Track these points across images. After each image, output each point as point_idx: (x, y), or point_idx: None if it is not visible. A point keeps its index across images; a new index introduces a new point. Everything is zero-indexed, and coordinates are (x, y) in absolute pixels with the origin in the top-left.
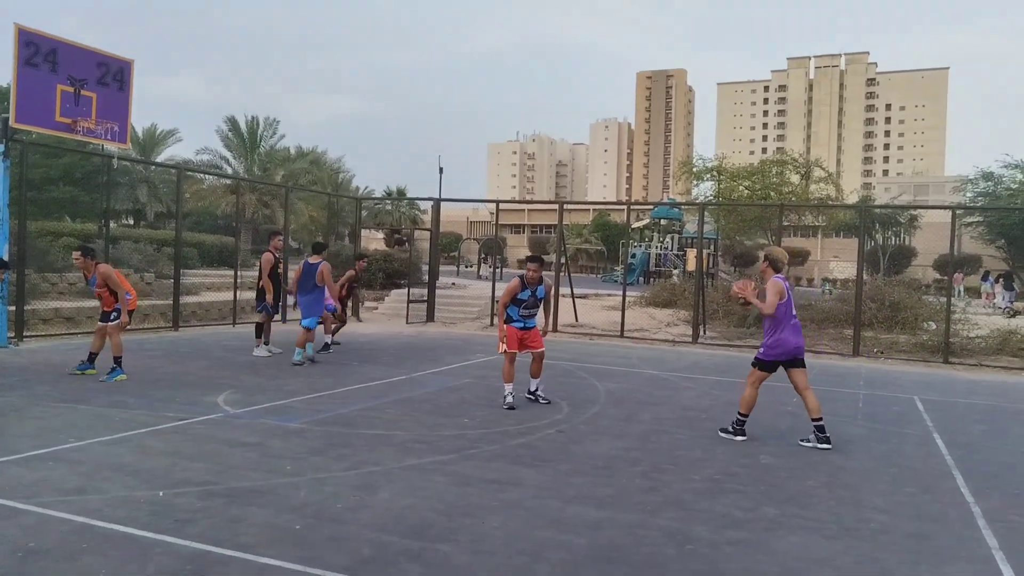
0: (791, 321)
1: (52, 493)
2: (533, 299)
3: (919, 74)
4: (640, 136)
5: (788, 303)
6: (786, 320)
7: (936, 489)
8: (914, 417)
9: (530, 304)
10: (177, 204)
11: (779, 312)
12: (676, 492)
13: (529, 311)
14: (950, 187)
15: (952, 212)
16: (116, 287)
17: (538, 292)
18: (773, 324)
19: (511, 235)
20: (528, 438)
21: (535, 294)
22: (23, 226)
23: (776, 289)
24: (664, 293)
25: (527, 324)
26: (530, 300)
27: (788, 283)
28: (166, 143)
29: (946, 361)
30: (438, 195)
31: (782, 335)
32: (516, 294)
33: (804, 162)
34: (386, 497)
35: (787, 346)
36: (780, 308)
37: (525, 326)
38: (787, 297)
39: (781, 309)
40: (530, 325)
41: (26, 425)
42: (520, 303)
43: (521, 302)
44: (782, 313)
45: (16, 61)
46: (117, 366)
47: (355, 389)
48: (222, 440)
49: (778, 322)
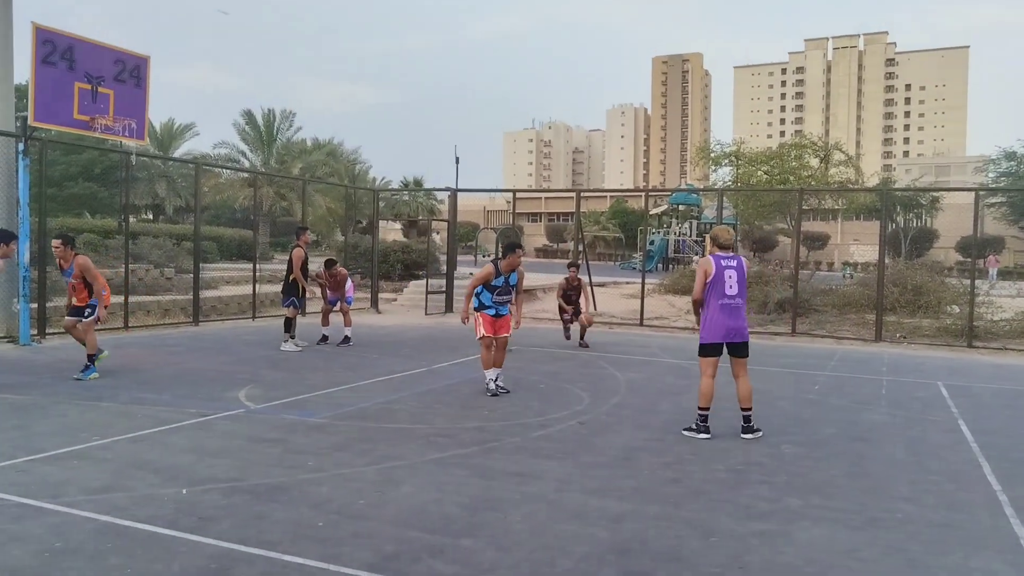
0: (720, 300)
1: (78, 492)
2: (506, 286)
3: (939, 53)
4: (657, 121)
5: (719, 281)
6: (714, 299)
7: (962, 477)
8: (938, 403)
9: (503, 291)
10: (196, 198)
11: (707, 292)
12: (699, 483)
13: (502, 298)
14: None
15: (975, 193)
16: (93, 280)
17: (511, 279)
18: (706, 305)
19: (528, 224)
20: (549, 430)
21: (508, 281)
22: (43, 223)
23: (701, 269)
24: (683, 280)
25: (499, 311)
26: (503, 287)
27: (735, 261)
28: (184, 137)
29: (970, 345)
30: (455, 185)
31: (713, 316)
32: (490, 280)
33: (823, 145)
34: (409, 492)
35: (718, 328)
36: (710, 288)
37: (497, 313)
38: (715, 274)
39: (711, 289)
40: (503, 312)
41: (50, 423)
42: (494, 289)
43: (495, 288)
44: (709, 293)
45: (34, 59)
46: (91, 364)
47: (376, 382)
48: (244, 436)
49: (708, 303)
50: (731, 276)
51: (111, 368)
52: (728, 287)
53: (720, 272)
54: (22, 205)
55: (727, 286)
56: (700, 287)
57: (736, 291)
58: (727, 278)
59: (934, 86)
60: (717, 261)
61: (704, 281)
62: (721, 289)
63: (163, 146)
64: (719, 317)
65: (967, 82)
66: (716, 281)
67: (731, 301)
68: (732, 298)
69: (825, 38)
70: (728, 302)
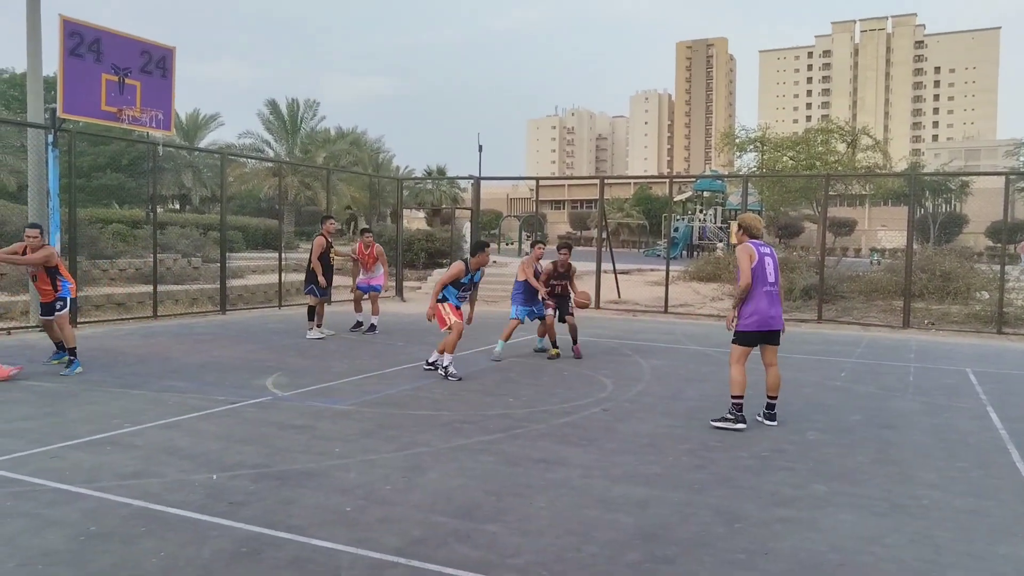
0: (763, 288)
1: (111, 477)
2: (471, 283)
3: (969, 35)
4: (681, 107)
5: (761, 268)
6: (757, 287)
7: (990, 464)
8: (967, 390)
9: (468, 287)
10: (222, 188)
11: (754, 280)
12: (724, 469)
13: (465, 293)
14: (1003, 151)
15: (1006, 178)
16: (56, 273)
17: (476, 277)
18: (749, 292)
19: (551, 211)
20: (573, 417)
21: (473, 279)
22: (73, 214)
23: (745, 254)
24: (708, 267)
25: (458, 306)
26: (468, 284)
27: (768, 249)
28: (209, 128)
29: (999, 331)
30: (478, 173)
31: (757, 304)
32: (459, 278)
33: (850, 130)
34: (435, 478)
35: (763, 314)
36: (754, 274)
37: (458, 308)
38: (759, 260)
39: (755, 276)
40: (458, 305)
41: (83, 410)
42: (460, 286)
43: (461, 285)
44: (757, 281)
45: (62, 52)
46: (74, 358)
47: (401, 370)
48: (272, 423)
49: (754, 291)
50: (769, 263)
51: (142, 356)
52: (768, 274)
53: (761, 259)
54: (52, 196)
55: (768, 273)
56: (748, 273)
57: (774, 278)
58: (767, 265)
59: (964, 69)
60: (757, 248)
61: (749, 267)
62: (764, 276)
63: (188, 136)
64: (762, 304)
65: (998, 64)
66: (757, 268)
67: (772, 288)
68: (772, 285)
69: (852, 21)
70: (770, 288)
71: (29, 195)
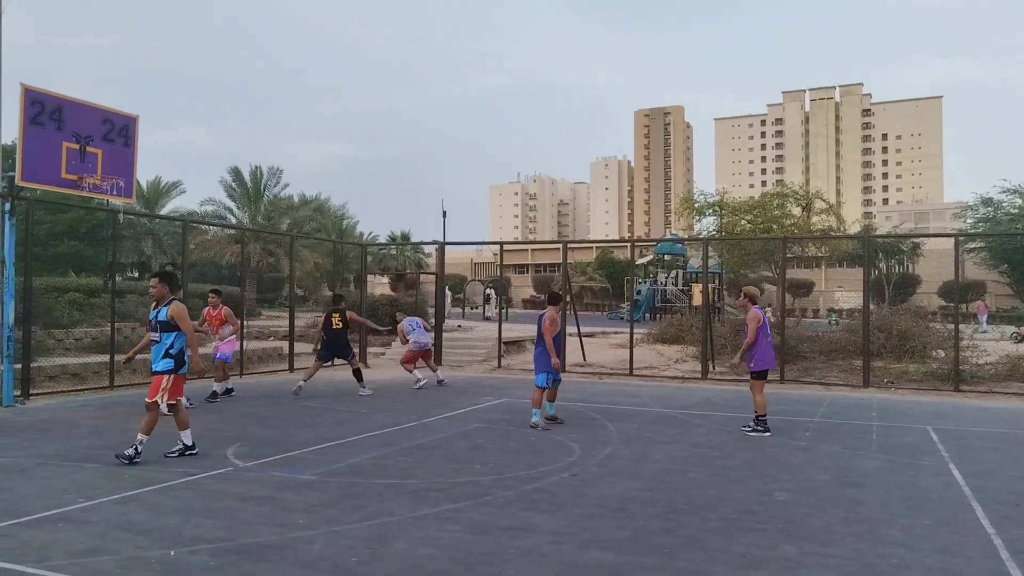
0: (767, 339)
1: (63, 556)
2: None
3: (913, 103)
4: (640, 173)
5: (764, 327)
6: (763, 338)
7: (956, 521)
8: (928, 447)
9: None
10: (183, 256)
11: (759, 335)
12: (693, 532)
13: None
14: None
15: (955, 239)
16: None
17: (160, 314)
18: (757, 343)
19: (515, 275)
20: (541, 482)
21: (157, 315)
22: (29, 282)
23: (755, 319)
24: (672, 329)
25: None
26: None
27: (763, 312)
28: (170, 195)
29: (957, 389)
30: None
31: (765, 351)
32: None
33: (804, 194)
34: (401, 548)
35: (769, 358)
36: (759, 332)
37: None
38: (763, 322)
39: (760, 332)
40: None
41: (34, 485)
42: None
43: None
44: (761, 335)
45: (22, 120)
46: None
47: (366, 437)
48: (233, 495)
49: (759, 342)
50: (768, 321)
51: (97, 427)
52: (768, 329)
53: (764, 319)
54: (8, 264)
55: (768, 329)
56: (754, 333)
57: (770, 331)
58: (767, 324)
59: (910, 135)
60: (760, 312)
61: (756, 328)
62: (766, 331)
63: (150, 204)
64: (769, 350)
65: (942, 130)
66: (763, 326)
67: (771, 338)
68: (770, 335)
69: (802, 90)
70: (770, 339)
71: None
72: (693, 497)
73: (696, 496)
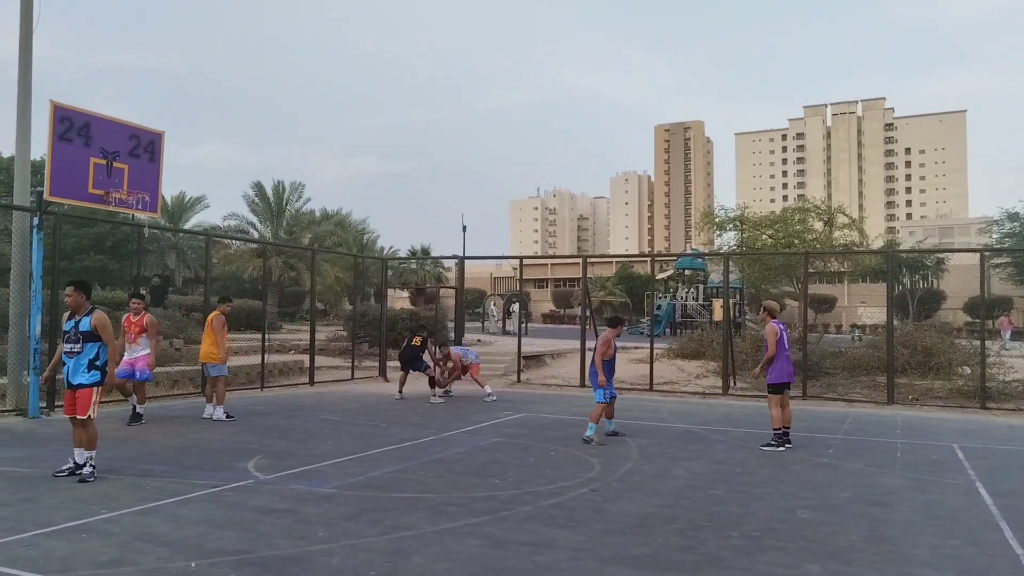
0: (785, 352)
1: (86, 566)
2: (74, 331)
3: (936, 117)
4: (660, 188)
5: (782, 341)
6: (780, 352)
7: (983, 541)
8: (954, 465)
9: (71, 338)
10: (206, 270)
11: (777, 348)
12: (714, 550)
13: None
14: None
15: (980, 255)
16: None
17: (81, 324)
18: (775, 357)
19: (535, 289)
20: (561, 498)
21: (77, 325)
22: (55, 296)
23: (772, 333)
24: (692, 344)
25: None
26: (72, 333)
27: (782, 325)
28: (194, 210)
29: (983, 406)
30: (462, 253)
31: (782, 365)
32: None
33: (826, 208)
34: (420, 562)
35: (785, 371)
36: (777, 345)
37: None
38: (781, 335)
39: (778, 346)
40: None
41: (58, 496)
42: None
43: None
44: (779, 349)
45: (51, 136)
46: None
47: (385, 451)
48: (253, 507)
49: (777, 356)
50: (785, 337)
51: (120, 439)
52: (786, 344)
53: (782, 334)
54: (35, 278)
55: (785, 343)
56: (774, 347)
57: (788, 346)
58: (784, 339)
59: (934, 149)
60: (779, 326)
61: (774, 341)
62: (784, 346)
63: (174, 218)
64: (786, 365)
65: (966, 144)
66: (780, 340)
67: (788, 352)
68: (787, 351)
69: (824, 105)
70: (787, 353)
71: (11, 277)
72: (714, 514)
73: (717, 513)
